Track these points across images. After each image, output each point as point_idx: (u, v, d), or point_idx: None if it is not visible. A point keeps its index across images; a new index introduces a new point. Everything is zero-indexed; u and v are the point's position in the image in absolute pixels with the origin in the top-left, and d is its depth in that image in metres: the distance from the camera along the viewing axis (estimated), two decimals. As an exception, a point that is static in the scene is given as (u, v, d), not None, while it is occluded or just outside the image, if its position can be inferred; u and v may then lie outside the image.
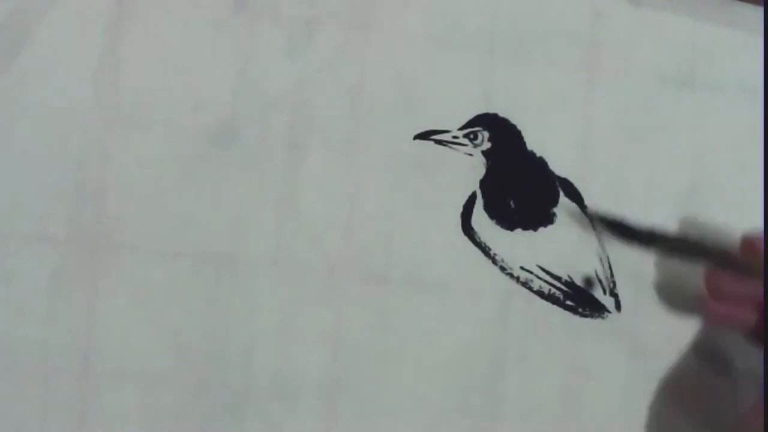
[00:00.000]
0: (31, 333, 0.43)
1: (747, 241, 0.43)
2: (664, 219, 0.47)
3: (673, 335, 0.46)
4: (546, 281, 0.46)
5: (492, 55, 0.47)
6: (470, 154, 0.46)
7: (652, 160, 0.47)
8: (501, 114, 0.46)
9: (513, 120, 0.46)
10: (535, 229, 0.46)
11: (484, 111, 0.46)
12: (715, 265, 0.44)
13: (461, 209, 0.46)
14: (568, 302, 0.46)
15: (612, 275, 0.46)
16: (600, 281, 0.46)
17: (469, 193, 0.46)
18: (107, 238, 0.44)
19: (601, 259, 0.46)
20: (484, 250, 0.45)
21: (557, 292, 0.46)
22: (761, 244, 0.43)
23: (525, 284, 0.46)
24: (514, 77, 0.47)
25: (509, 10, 0.47)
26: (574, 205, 0.46)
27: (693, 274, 0.46)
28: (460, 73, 0.46)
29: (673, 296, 0.47)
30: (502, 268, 0.45)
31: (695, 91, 0.48)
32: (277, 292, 0.44)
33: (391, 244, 0.45)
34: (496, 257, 0.45)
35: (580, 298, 0.46)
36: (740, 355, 0.47)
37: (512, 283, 0.46)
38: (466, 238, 0.45)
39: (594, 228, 0.46)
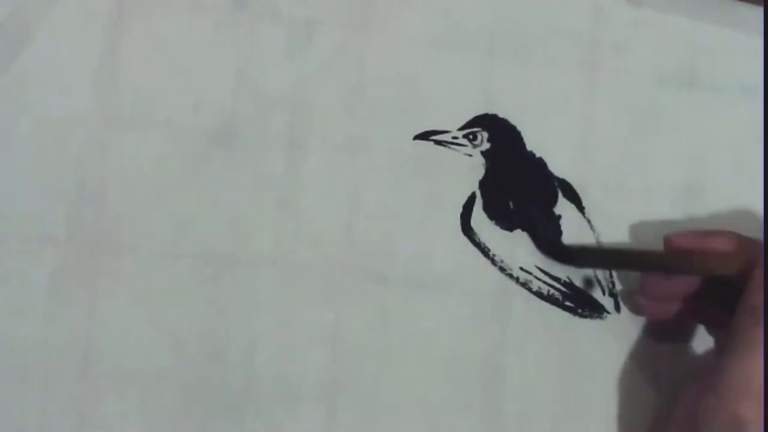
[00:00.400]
0: (31, 333, 0.43)
1: (668, 241, 0.44)
2: (664, 219, 0.47)
3: (673, 335, 0.46)
4: (545, 282, 0.46)
5: (492, 55, 0.46)
6: (470, 155, 0.46)
7: (652, 160, 0.47)
8: (501, 114, 0.46)
9: (513, 120, 0.46)
10: (534, 229, 0.46)
11: (484, 111, 0.46)
12: (646, 269, 0.44)
13: (461, 209, 0.46)
14: (568, 303, 0.46)
15: (612, 275, 0.46)
16: (599, 282, 0.46)
17: (469, 194, 0.46)
18: (107, 238, 0.44)
19: (601, 259, 0.46)
20: (484, 250, 0.45)
21: (556, 293, 0.46)
22: (683, 239, 0.43)
23: (524, 285, 0.46)
24: (514, 77, 0.46)
25: (509, 10, 0.47)
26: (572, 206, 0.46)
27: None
28: (460, 73, 0.46)
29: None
30: (502, 269, 0.45)
31: (695, 91, 0.48)
32: (277, 292, 0.44)
33: (391, 244, 0.45)
34: (496, 258, 0.45)
35: (579, 299, 0.46)
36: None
37: (511, 284, 0.46)
38: (465, 239, 0.45)
39: (591, 227, 0.46)
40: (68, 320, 0.43)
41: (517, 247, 0.46)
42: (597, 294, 0.46)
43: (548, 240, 0.46)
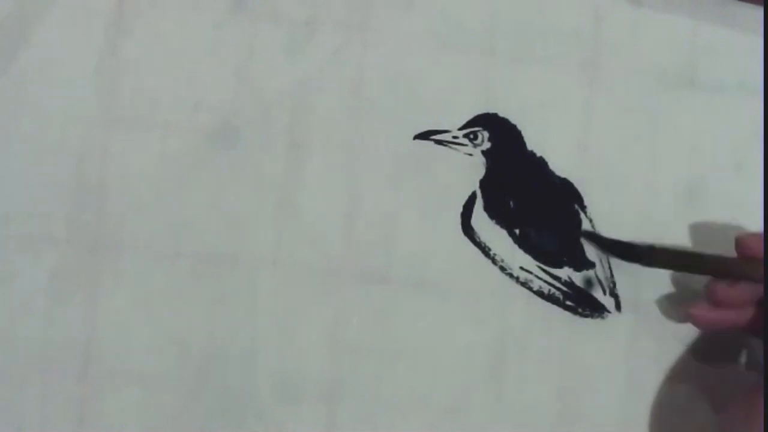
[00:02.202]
0: (31, 333, 0.43)
1: (741, 242, 0.43)
2: (664, 219, 0.47)
3: (673, 335, 0.46)
4: (546, 281, 0.46)
5: (492, 55, 0.46)
6: (470, 154, 0.46)
7: (652, 160, 0.47)
8: (501, 114, 0.46)
9: (513, 120, 0.46)
10: (535, 229, 0.46)
11: (484, 111, 0.46)
12: (713, 274, 0.43)
13: (461, 209, 0.46)
14: (568, 302, 0.46)
15: (612, 275, 0.46)
16: (600, 281, 0.46)
17: (469, 193, 0.46)
18: (107, 238, 0.44)
19: (600, 259, 0.46)
20: (484, 250, 0.45)
21: (557, 293, 0.46)
22: (755, 243, 0.42)
23: (525, 284, 0.46)
24: (514, 77, 0.46)
25: (509, 10, 0.47)
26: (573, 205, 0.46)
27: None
28: (460, 73, 0.46)
29: (673, 296, 0.47)
30: (502, 268, 0.45)
31: (695, 91, 0.48)
32: (277, 292, 0.44)
33: (391, 244, 0.45)
34: (496, 257, 0.45)
35: (580, 298, 0.46)
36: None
37: (512, 283, 0.46)
38: (466, 238, 0.45)
39: (592, 226, 0.46)
40: (68, 320, 0.43)
41: (517, 247, 0.46)
42: (598, 293, 0.46)
43: (613, 239, 0.46)
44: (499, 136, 0.46)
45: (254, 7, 0.45)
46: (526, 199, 0.46)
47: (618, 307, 0.46)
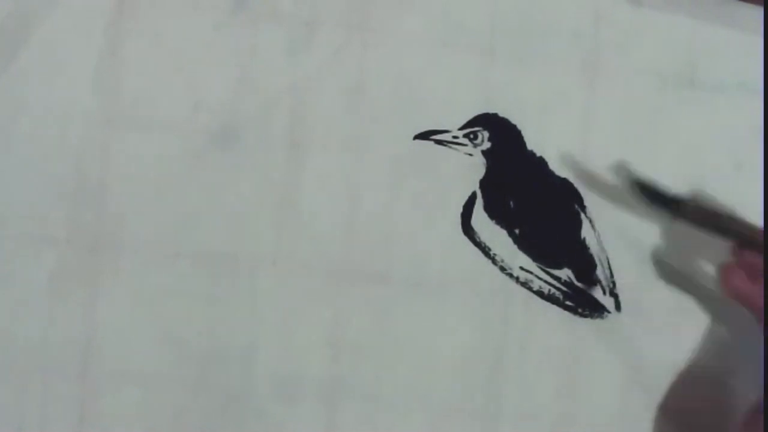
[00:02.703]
0: (31, 333, 0.43)
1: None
2: (664, 217, 0.47)
3: (673, 335, 0.46)
4: (546, 281, 0.46)
5: (492, 55, 0.47)
6: (470, 154, 0.46)
7: (652, 160, 0.47)
8: (501, 114, 0.46)
9: (513, 120, 0.46)
10: (535, 229, 0.46)
11: (484, 111, 0.46)
12: (741, 242, 0.43)
13: (461, 209, 0.46)
14: (568, 302, 0.46)
15: (612, 275, 0.46)
16: (600, 281, 0.46)
17: (469, 193, 0.46)
18: (107, 238, 0.44)
19: (600, 259, 0.46)
20: (484, 250, 0.45)
21: (557, 293, 0.46)
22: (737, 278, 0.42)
23: (525, 284, 0.46)
24: (514, 77, 0.47)
25: (509, 11, 0.47)
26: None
27: (692, 273, 0.46)
28: (460, 73, 0.46)
29: (673, 297, 0.47)
30: (502, 268, 0.46)
31: (695, 91, 0.48)
32: (277, 292, 0.44)
33: (391, 244, 0.45)
34: (496, 257, 0.45)
35: (579, 298, 0.46)
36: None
37: (512, 283, 0.46)
38: (466, 238, 0.45)
39: (592, 226, 0.46)
40: (68, 320, 0.43)
41: (517, 247, 0.46)
42: (597, 294, 0.46)
43: (650, 184, 0.46)
44: (499, 136, 0.46)
45: (254, 7, 0.45)
46: (526, 199, 0.46)
47: (618, 307, 0.46)
